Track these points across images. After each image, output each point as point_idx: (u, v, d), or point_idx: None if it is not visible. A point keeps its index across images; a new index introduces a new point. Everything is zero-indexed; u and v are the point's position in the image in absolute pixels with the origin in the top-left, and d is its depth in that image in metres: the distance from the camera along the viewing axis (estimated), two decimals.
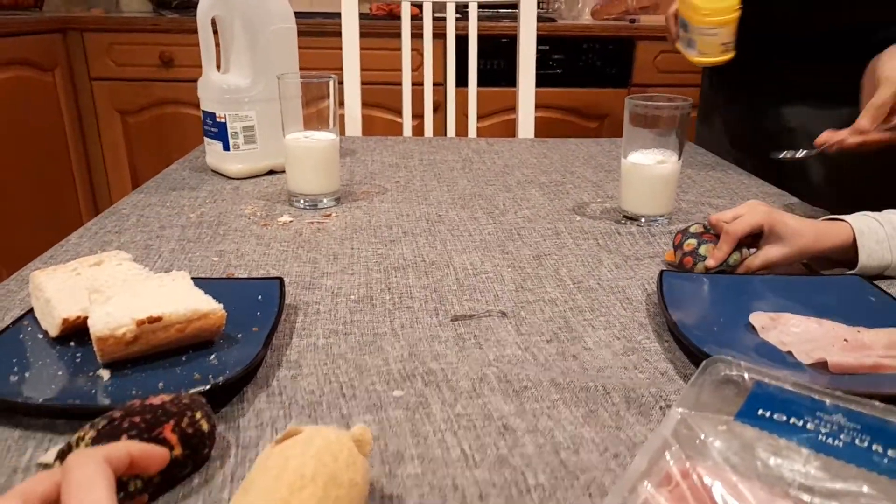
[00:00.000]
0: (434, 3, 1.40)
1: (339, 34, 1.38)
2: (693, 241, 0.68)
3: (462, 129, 1.48)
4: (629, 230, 0.82)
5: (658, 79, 2.26)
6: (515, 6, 1.40)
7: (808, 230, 0.66)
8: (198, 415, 0.39)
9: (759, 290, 0.61)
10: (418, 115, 1.49)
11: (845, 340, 0.51)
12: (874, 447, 0.32)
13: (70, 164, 2.20)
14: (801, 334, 0.53)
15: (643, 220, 0.84)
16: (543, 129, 2.24)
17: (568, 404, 0.47)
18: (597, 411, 0.46)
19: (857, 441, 0.32)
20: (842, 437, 0.32)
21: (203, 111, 0.99)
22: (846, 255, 0.66)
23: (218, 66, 0.99)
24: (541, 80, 2.25)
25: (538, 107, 2.23)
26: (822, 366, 0.49)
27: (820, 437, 0.33)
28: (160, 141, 2.22)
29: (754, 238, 0.68)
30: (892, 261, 0.65)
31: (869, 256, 0.65)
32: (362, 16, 2.39)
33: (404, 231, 0.80)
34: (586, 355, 0.53)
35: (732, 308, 0.58)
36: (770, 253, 0.66)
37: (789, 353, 0.51)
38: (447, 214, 0.86)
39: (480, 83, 1.49)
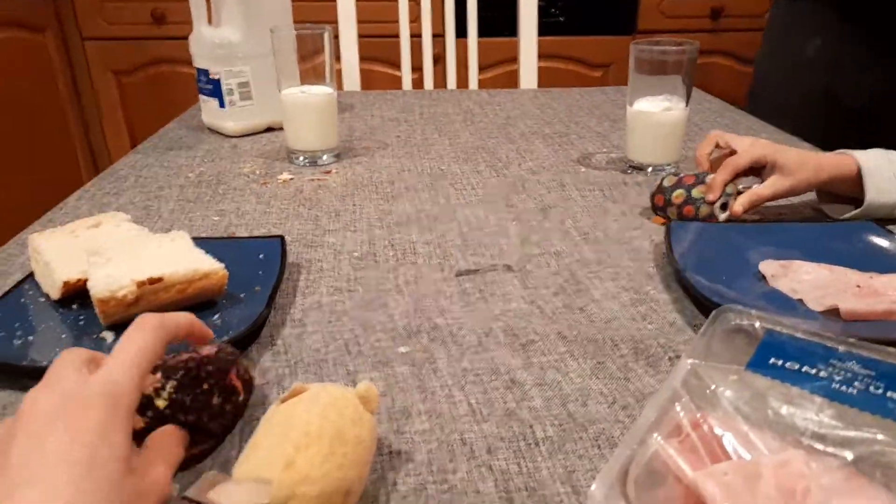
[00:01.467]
0: None
1: None
2: (681, 192, 0.65)
3: (463, 81, 1.45)
4: (636, 180, 0.80)
5: (664, 24, 2.19)
6: None
7: (810, 162, 0.65)
8: (244, 362, 0.39)
9: (769, 238, 0.60)
10: (418, 68, 1.45)
11: (858, 287, 0.51)
12: (889, 394, 0.31)
13: (67, 126, 2.17)
14: (812, 281, 0.52)
15: (650, 169, 0.82)
16: (547, 79, 2.19)
17: (575, 357, 0.46)
18: (605, 363, 0.46)
19: (871, 388, 0.32)
20: (856, 384, 0.32)
21: (196, 68, 0.97)
22: (852, 189, 0.65)
23: (210, 21, 0.96)
24: (543, 29, 2.19)
25: (541, 56, 2.18)
26: (834, 313, 0.48)
27: (833, 384, 0.32)
28: (157, 100, 2.19)
29: (751, 172, 0.66)
30: None
31: (878, 193, 0.63)
32: None
33: (406, 186, 0.79)
34: (593, 307, 0.53)
35: (742, 256, 0.57)
36: (778, 184, 0.65)
37: (800, 300, 0.50)
38: (449, 168, 0.85)
39: (481, 33, 1.45)
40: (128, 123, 2.24)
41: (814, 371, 0.33)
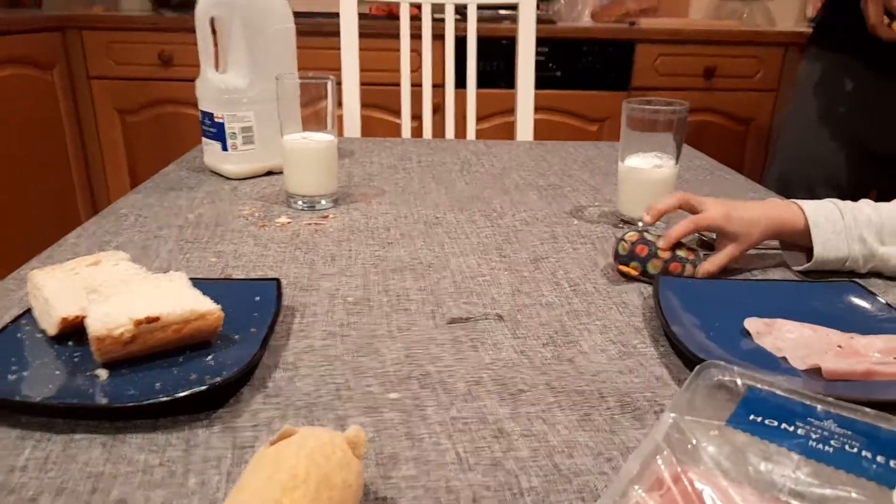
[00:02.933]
0: (433, 4, 1.41)
1: (338, 34, 1.38)
2: (636, 264, 0.67)
3: (461, 131, 1.48)
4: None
5: (658, 82, 2.26)
6: (515, 7, 1.40)
7: (760, 222, 0.68)
8: None
9: (754, 296, 0.61)
10: (417, 117, 1.49)
11: (839, 347, 0.52)
12: (864, 453, 0.32)
13: (69, 163, 2.20)
14: (795, 340, 0.53)
15: (640, 223, 0.85)
16: (543, 131, 2.24)
17: (563, 408, 0.47)
18: (591, 415, 0.46)
19: (847, 447, 0.32)
20: (832, 442, 0.33)
21: (201, 111, 0.99)
22: (806, 241, 0.68)
23: (217, 66, 1.00)
24: (541, 83, 2.26)
25: (538, 109, 2.24)
26: (816, 372, 0.49)
27: (811, 442, 0.33)
28: (159, 140, 2.22)
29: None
30: (848, 253, 0.66)
31: (825, 248, 0.66)
32: (361, 16, 2.39)
33: (402, 233, 0.80)
34: (582, 359, 0.54)
35: (728, 313, 0.58)
36: (732, 251, 0.69)
37: (783, 358, 0.51)
38: (445, 217, 0.87)
39: (480, 85, 1.49)
40: (129, 162, 2.27)
41: (792, 428, 0.34)
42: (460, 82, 1.44)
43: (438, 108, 1.79)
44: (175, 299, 0.51)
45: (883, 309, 0.58)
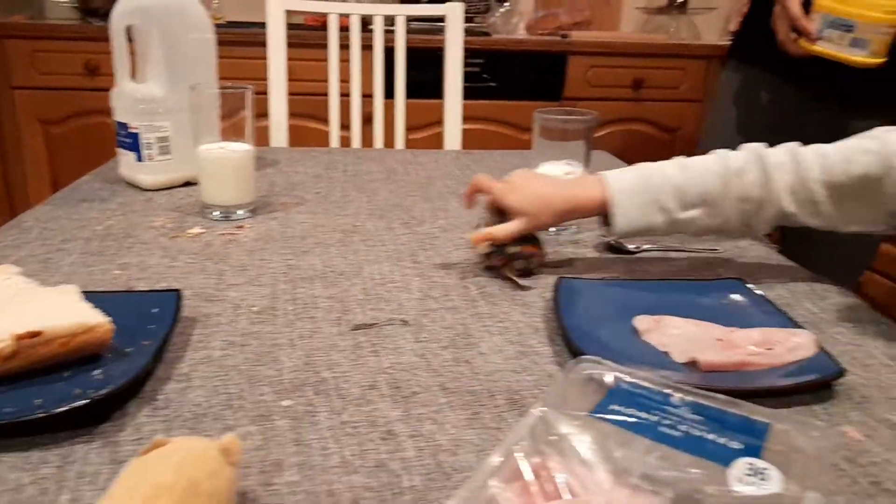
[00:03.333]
0: (363, 16, 1.41)
1: None
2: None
3: (391, 141, 1.49)
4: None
5: (589, 92, 2.33)
6: (436, 20, 1.42)
7: (550, 197, 0.70)
8: None
9: (647, 295, 0.64)
10: (349, 127, 1.49)
11: (719, 340, 0.55)
12: (708, 436, 0.34)
13: None
14: (679, 335, 0.56)
15: (553, 229, 0.87)
16: (478, 141, 2.27)
17: (454, 408, 0.48)
18: (480, 414, 0.47)
19: (693, 431, 0.34)
20: (681, 427, 0.35)
21: (116, 121, 0.97)
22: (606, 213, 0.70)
23: (134, 76, 0.98)
24: (476, 93, 2.30)
25: (474, 119, 2.28)
26: (694, 364, 0.52)
27: (661, 428, 0.35)
28: (85, 151, 2.16)
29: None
30: (649, 224, 0.68)
31: (628, 223, 0.68)
32: (296, 26, 2.38)
33: (317, 242, 0.80)
34: (479, 360, 0.55)
35: (621, 312, 0.60)
36: (515, 227, 0.70)
37: (667, 353, 0.54)
38: (363, 225, 0.87)
39: (415, 95, 1.51)
40: (52, 175, 2.19)
41: (646, 417, 0.36)
42: (395, 93, 1.45)
43: (370, 118, 1.79)
44: (62, 313, 0.50)
45: (763, 304, 0.61)
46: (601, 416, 0.36)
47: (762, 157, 0.67)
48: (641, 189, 0.69)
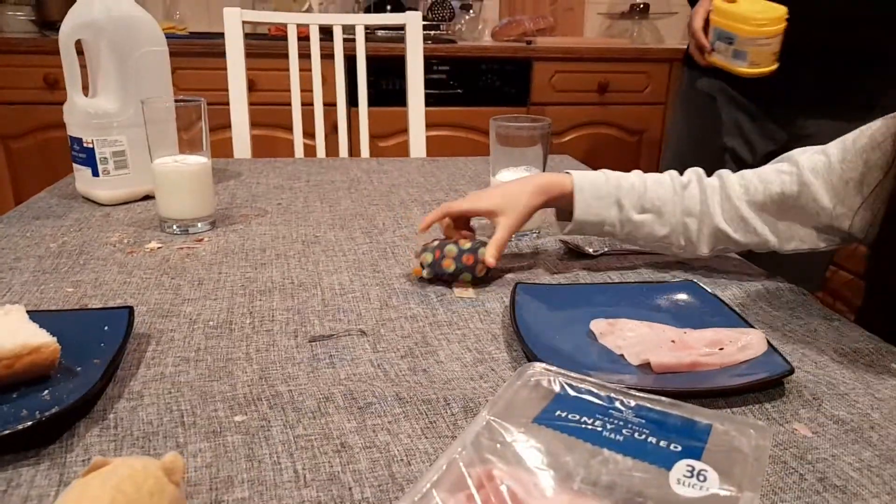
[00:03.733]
0: (323, 26, 1.41)
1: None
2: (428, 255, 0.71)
3: (358, 149, 1.49)
4: None
5: (555, 97, 2.35)
6: (403, 28, 1.43)
7: (524, 193, 0.72)
8: None
9: (603, 298, 0.65)
10: (315, 135, 1.49)
11: (672, 341, 0.55)
12: (650, 439, 0.34)
13: None
14: (634, 338, 0.56)
15: (515, 234, 0.87)
16: (446, 147, 2.28)
17: (409, 418, 0.48)
18: (436, 422, 0.47)
19: (636, 435, 0.35)
20: (624, 431, 0.35)
21: (70, 136, 0.95)
22: (570, 205, 0.73)
23: (87, 90, 0.96)
24: (442, 100, 2.31)
25: (440, 126, 2.28)
26: (648, 366, 0.53)
27: (605, 433, 0.35)
28: (45, 166, 2.11)
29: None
30: (605, 217, 0.71)
31: (584, 212, 0.71)
32: (262, 36, 2.37)
33: (277, 253, 0.80)
34: (436, 368, 0.55)
35: (578, 316, 0.61)
36: (506, 223, 0.72)
37: (622, 355, 0.55)
38: (325, 235, 0.87)
39: (382, 103, 1.51)
40: (14, 190, 2.14)
41: (590, 422, 0.36)
42: (359, 101, 1.45)
43: (336, 128, 1.79)
44: (7, 334, 0.49)
45: (716, 304, 0.63)
46: (546, 422, 0.36)
47: (701, 178, 0.72)
48: (602, 184, 0.72)
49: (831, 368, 0.56)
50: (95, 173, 0.94)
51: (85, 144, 0.94)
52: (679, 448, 0.34)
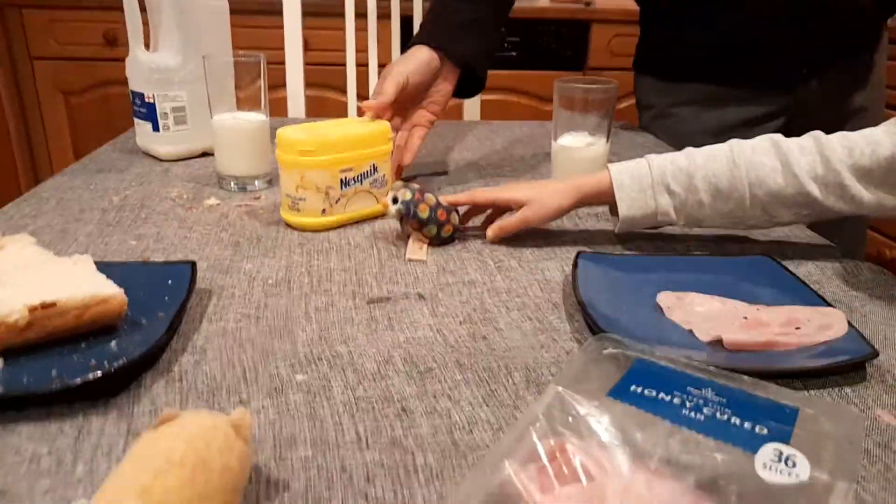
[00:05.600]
0: None
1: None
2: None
3: None
4: None
5: (613, 62, 2.27)
6: None
7: (560, 190, 0.69)
8: None
9: (671, 271, 0.62)
10: (366, 97, 1.47)
11: (745, 318, 0.53)
12: (733, 420, 0.33)
13: (10, 146, 2.13)
14: (703, 313, 0.54)
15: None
16: (499, 111, 2.23)
17: (470, 385, 0.47)
18: (497, 391, 0.47)
19: (717, 414, 0.33)
20: (705, 410, 0.33)
21: (132, 91, 0.96)
22: (614, 202, 0.68)
23: (148, 45, 0.97)
24: (496, 63, 2.25)
25: (495, 90, 2.23)
26: (719, 343, 0.50)
27: (684, 410, 0.33)
28: (105, 121, 2.16)
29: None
30: (656, 207, 0.67)
31: (629, 207, 0.67)
32: None
33: None
34: (496, 336, 0.54)
35: (643, 288, 0.59)
36: (525, 213, 0.69)
37: (691, 331, 0.52)
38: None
39: None
40: (74, 145, 2.21)
41: (669, 398, 0.34)
42: None
43: None
44: (76, 284, 0.49)
45: (792, 281, 0.59)
46: (621, 396, 0.35)
47: (777, 142, 0.65)
48: (644, 173, 0.67)
49: None
50: (156, 128, 0.95)
51: (146, 100, 0.94)
52: (766, 431, 0.32)
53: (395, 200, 0.68)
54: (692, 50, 1.08)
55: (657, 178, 0.66)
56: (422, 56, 0.85)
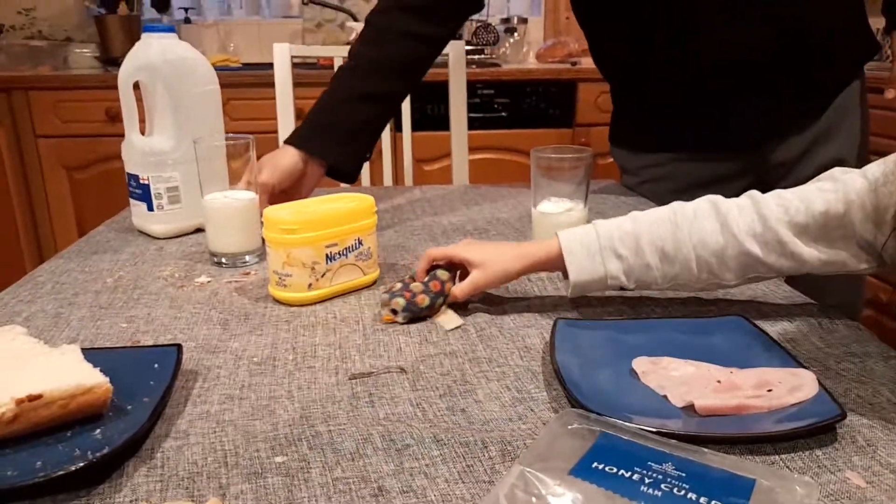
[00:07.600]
0: None
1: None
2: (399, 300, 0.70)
3: (402, 174, 1.51)
4: (539, 276, 0.84)
5: (601, 118, 2.33)
6: (446, 54, 1.44)
7: (508, 253, 0.72)
8: None
9: (648, 332, 0.64)
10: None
11: (718, 382, 0.54)
12: (689, 496, 0.34)
13: (14, 222, 2.18)
14: (677, 378, 0.55)
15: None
16: (491, 170, 2.29)
17: (447, 461, 0.48)
18: (473, 466, 0.47)
19: (675, 490, 0.34)
20: (663, 486, 0.34)
21: (127, 173, 1.00)
22: (563, 268, 0.70)
23: (143, 128, 1.01)
24: (487, 124, 2.32)
25: (485, 149, 2.29)
26: (692, 408, 0.51)
27: (643, 487, 0.34)
28: (107, 196, 2.22)
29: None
30: (605, 272, 0.68)
31: (579, 272, 0.68)
32: (310, 65, 2.43)
33: None
34: (475, 408, 0.55)
35: (620, 354, 0.60)
36: (474, 278, 0.72)
37: (665, 396, 0.53)
38: None
39: (427, 128, 1.53)
40: (77, 219, 2.25)
41: (629, 475, 0.35)
42: (403, 127, 1.47)
43: (380, 153, 1.82)
44: (62, 374, 0.51)
45: (765, 342, 0.60)
46: (583, 474, 0.36)
47: (716, 203, 0.67)
48: (592, 239, 0.69)
49: (888, 411, 0.54)
50: (150, 208, 0.98)
51: (141, 181, 0.98)
52: None
53: (394, 312, 0.70)
54: (658, 119, 1.14)
55: (605, 244, 0.68)
56: (287, 163, 0.99)
